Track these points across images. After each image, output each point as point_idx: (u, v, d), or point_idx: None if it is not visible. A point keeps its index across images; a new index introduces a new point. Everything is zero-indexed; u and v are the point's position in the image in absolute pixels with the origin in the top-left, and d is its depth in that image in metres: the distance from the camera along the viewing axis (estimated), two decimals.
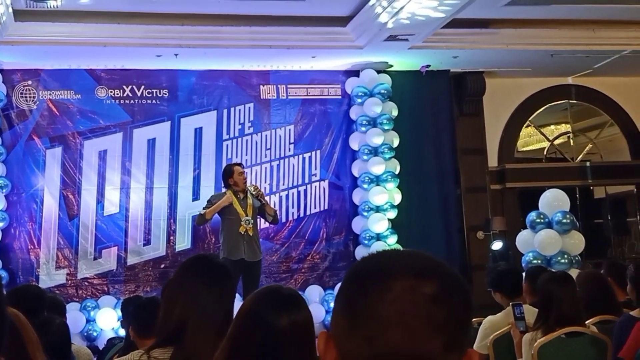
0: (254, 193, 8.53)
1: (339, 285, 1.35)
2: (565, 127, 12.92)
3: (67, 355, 3.99)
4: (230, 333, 2.29)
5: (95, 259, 10.19)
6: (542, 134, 12.76)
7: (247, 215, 8.46)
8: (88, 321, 9.77)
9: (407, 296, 1.14)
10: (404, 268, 1.18)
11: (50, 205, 10.15)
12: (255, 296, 2.37)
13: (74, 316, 9.32)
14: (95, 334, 9.70)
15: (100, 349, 6.82)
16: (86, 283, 10.17)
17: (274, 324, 2.24)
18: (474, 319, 5.43)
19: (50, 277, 10.01)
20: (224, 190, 8.71)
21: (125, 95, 10.53)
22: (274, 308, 2.28)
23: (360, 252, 10.60)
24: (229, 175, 8.62)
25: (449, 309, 1.15)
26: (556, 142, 12.81)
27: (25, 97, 10.23)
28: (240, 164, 8.96)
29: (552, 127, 13.03)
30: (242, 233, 8.42)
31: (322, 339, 1.22)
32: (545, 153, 12.73)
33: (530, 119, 12.41)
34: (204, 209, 8.58)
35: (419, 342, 1.13)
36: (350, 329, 1.17)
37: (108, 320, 9.66)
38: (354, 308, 1.17)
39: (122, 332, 7.81)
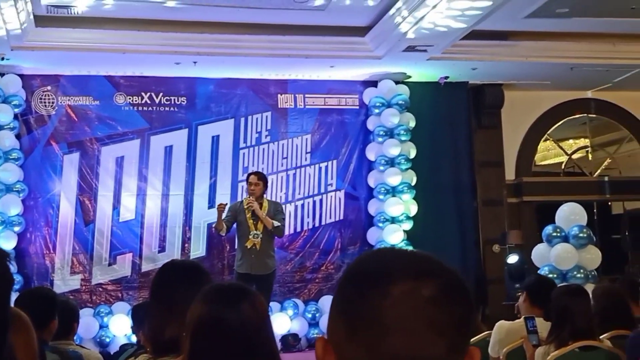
0: (245, 207, 8.47)
1: None
2: (583, 142, 12.83)
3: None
4: (189, 348, 2.15)
5: (109, 264, 10.21)
6: (561, 147, 12.68)
7: (256, 230, 8.42)
8: (101, 327, 9.79)
9: (407, 300, 1.10)
10: (403, 270, 1.13)
11: (67, 210, 10.19)
12: (202, 300, 2.22)
13: (87, 322, 9.36)
14: (108, 340, 9.71)
15: (112, 354, 6.82)
16: (100, 289, 10.19)
17: (235, 317, 2.13)
18: (486, 332, 5.41)
19: (64, 282, 10.04)
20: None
21: (143, 102, 10.56)
22: (229, 301, 2.17)
23: None
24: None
25: (451, 311, 1.11)
26: (574, 156, 12.73)
27: (45, 102, 10.29)
28: (254, 173, 8.90)
29: (571, 141, 12.94)
30: (249, 247, 8.41)
31: (319, 345, 1.18)
32: (563, 167, 12.65)
33: (548, 132, 12.34)
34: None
35: (421, 347, 1.09)
36: (349, 334, 1.12)
37: (121, 327, 9.64)
38: (352, 313, 1.13)
39: (135, 339, 7.81)
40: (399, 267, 1.14)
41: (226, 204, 8.71)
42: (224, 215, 8.58)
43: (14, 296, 4.53)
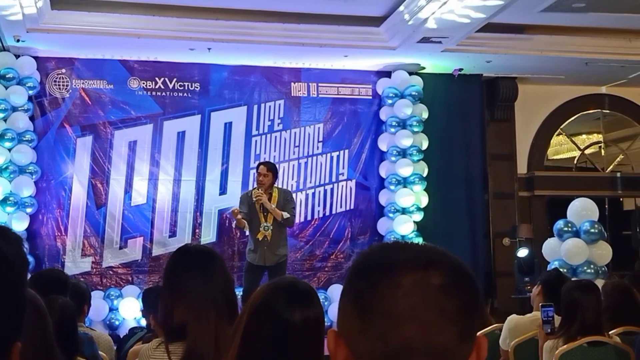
0: (254, 200, 8.29)
1: None
2: (597, 137, 12.79)
3: (73, 337, 3.50)
4: (242, 324, 2.24)
5: (120, 248, 10.26)
6: (574, 142, 12.64)
7: (266, 222, 8.33)
8: (111, 310, 9.85)
9: (417, 290, 1.13)
10: (411, 261, 1.16)
11: (79, 193, 10.23)
12: (269, 288, 2.30)
13: (97, 304, 9.38)
14: (117, 322, 9.77)
15: (122, 337, 6.86)
16: (111, 272, 10.24)
17: (286, 319, 2.19)
18: (496, 324, 5.42)
19: (75, 265, 10.09)
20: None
21: (157, 87, 10.58)
22: (287, 302, 2.23)
23: None
24: None
25: (460, 297, 1.15)
26: (587, 151, 12.69)
27: (59, 85, 10.32)
28: (263, 163, 8.68)
29: (584, 136, 12.91)
30: (260, 239, 8.34)
31: (331, 338, 1.20)
32: (575, 162, 12.62)
33: (561, 127, 12.31)
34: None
35: (433, 334, 1.12)
36: (362, 327, 1.15)
37: (131, 310, 9.70)
38: (363, 306, 1.15)
39: (144, 322, 7.86)
40: (407, 259, 1.17)
41: (239, 209, 8.36)
42: (240, 213, 8.30)
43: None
